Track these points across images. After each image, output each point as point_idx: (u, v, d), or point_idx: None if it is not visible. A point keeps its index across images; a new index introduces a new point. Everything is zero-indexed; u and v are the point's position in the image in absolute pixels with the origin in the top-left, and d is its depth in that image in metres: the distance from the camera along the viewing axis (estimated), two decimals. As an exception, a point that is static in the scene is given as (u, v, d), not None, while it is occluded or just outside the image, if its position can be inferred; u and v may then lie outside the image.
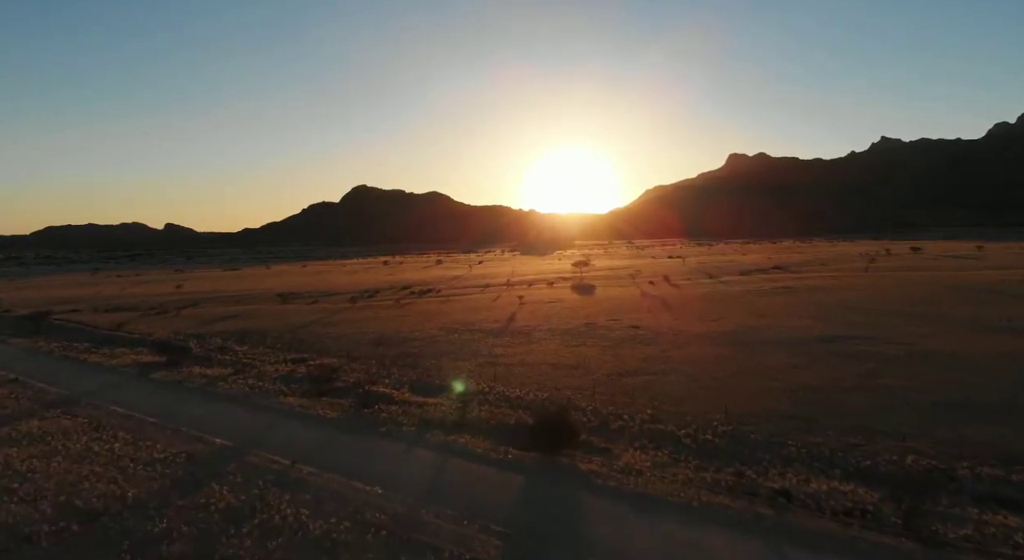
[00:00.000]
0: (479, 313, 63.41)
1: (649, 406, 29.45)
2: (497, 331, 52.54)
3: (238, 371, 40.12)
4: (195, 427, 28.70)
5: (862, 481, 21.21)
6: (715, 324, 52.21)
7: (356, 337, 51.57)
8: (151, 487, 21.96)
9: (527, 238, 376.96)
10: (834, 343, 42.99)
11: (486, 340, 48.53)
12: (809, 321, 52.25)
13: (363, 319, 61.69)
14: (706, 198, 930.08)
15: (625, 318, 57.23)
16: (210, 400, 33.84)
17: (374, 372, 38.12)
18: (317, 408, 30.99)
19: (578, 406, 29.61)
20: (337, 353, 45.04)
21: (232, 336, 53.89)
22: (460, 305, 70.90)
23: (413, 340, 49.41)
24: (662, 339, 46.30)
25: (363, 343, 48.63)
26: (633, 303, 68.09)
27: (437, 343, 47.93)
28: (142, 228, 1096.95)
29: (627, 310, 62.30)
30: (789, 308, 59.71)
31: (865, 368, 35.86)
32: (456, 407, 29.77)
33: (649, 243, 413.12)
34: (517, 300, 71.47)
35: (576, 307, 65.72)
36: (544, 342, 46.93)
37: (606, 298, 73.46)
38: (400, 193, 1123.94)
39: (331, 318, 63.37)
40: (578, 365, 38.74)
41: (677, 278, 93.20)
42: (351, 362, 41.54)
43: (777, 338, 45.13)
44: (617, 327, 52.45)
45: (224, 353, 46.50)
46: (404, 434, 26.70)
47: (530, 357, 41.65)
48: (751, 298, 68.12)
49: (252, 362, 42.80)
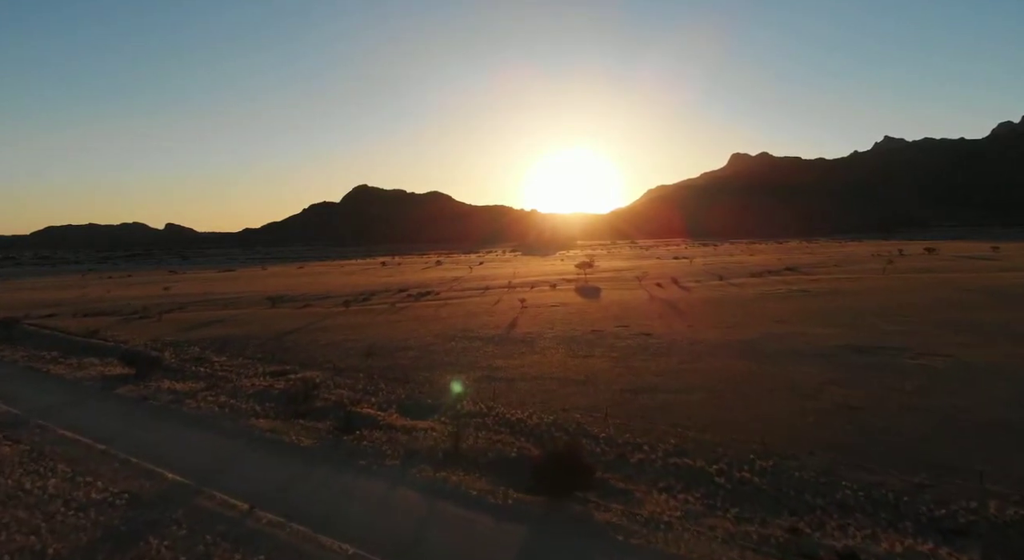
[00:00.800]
0: (478, 318, 59.62)
1: (672, 433, 25.59)
2: (497, 339, 48.71)
3: (211, 386, 36.29)
4: (149, 457, 24.90)
5: (942, 538, 17.29)
6: (732, 332, 48.34)
7: (345, 346, 47.76)
8: (77, 541, 18.14)
9: (529, 238, 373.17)
10: (868, 354, 39.11)
11: (485, 349, 44.70)
12: (835, 329, 48.36)
13: (355, 325, 57.88)
14: (708, 198, 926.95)
15: (635, 324, 53.40)
16: (173, 422, 30.02)
17: (360, 388, 34.28)
18: (291, 433, 27.15)
19: (590, 432, 25.78)
20: (322, 365, 41.24)
21: (212, 344, 50.10)
22: (459, 309, 67.12)
23: (406, 349, 45.57)
24: (677, 349, 42.42)
25: (351, 353, 44.82)
26: (642, 307, 64.26)
27: (432, 353, 44.09)
28: (142, 228, 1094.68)
29: (636, 315, 58.47)
30: (810, 314, 55.80)
31: (910, 384, 31.97)
32: (449, 433, 25.93)
33: (652, 243, 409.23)
34: (519, 304, 67.65)
35: (581, 312, 61.89)
36: (548, 352, 43.08)
37: (613, 302, 69.60)
38: (401, 193, 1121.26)
39: (321, 324, 59.59)
40: (587, 380, 34.88)
41: (686, 280, 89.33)
42: (336, 376, 37.71)
43: (803, 348, 41.25)
44: (627, 335, 48.59)
45: (199, 364, 42.70)
46: (387, 469, 22.83)
47: (533, 370, 37.80)
48: (767, 302, 64.21)
49: (228, 375, 38.98)
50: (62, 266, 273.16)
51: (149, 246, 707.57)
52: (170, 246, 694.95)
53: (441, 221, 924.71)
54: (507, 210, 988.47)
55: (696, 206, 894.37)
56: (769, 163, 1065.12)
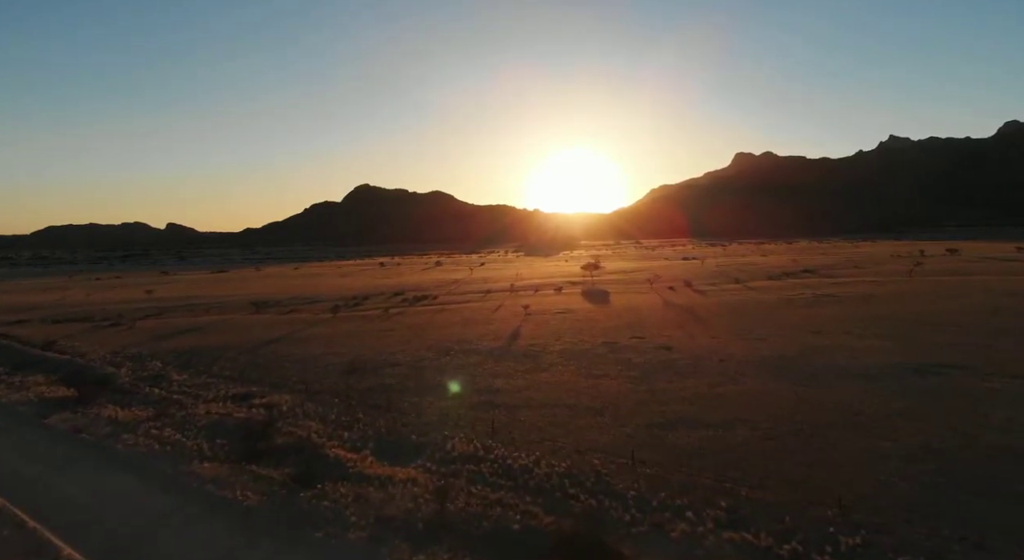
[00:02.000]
0: (477, 327, 54.11)
1: (720, 490, 20.06)
2: (498, 352, 43.17)
3: (159, 414, 30.81)
4: (50, 519, 19.45)
5: None
6: (764, 345, 42.75)
7: (325, 360, 42.25)
8: None
9: (531, 238, 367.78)
10: (929, 375, 33.52)
11: (484, 365, 39.19)
12: (879, 341, 42.76)
13: (340, 335, 52.41)
14: (712, 197, 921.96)
15: (651, 335, 47.85)
16: (100, 464, 24.57)
17: (332, 419, 28.78)
18: (237, 485, 21.65)
19: (614, 488, 20.28)
20: (294, 385, 35.77)
21: (178, 358, 44.67)
22: (456, 316, 61.62)
23: (394, 365, 40.06)
24: (704, 367, 36.85)
25: (331, 370, 39.31)
26: (656, 315, 58.67)
27: (423, 370, 38.57)
28: (143, 228, 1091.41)
29: (651, 324, 52.91)
30: (846, 323, 50.17)
31: (996, 417, 26.39)
32: (434, 489, 20.44)
33: (658, 243, 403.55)
34: (522, 310, 62.10)
35: (590, 320, 56.35)
36: (556, 370, 37.54)
37: (624, 308, 64.02)
38: (403, 193, 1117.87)
39: (303, 333, 54.14)
40: (603, 408, 29.34)
41: (700, 283, 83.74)
42: (308, 400, 32.23)
43: (851, 367, 35.66)
44: (644, 348, 43.04)
45: (156, 384, 37.26)
46: (349, 547, 17.29)
47: (539, 394, 32.28)
48: (794, 309, 58.58)
49: (183, 399, 33.51)
50: (57, 267, 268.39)
51: (149, 246, 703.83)
52: (171, 246, 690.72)
53: (443, 221, 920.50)
54: (509, 210, 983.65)
55: (699, 206, 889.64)
56: (773, 162, 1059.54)
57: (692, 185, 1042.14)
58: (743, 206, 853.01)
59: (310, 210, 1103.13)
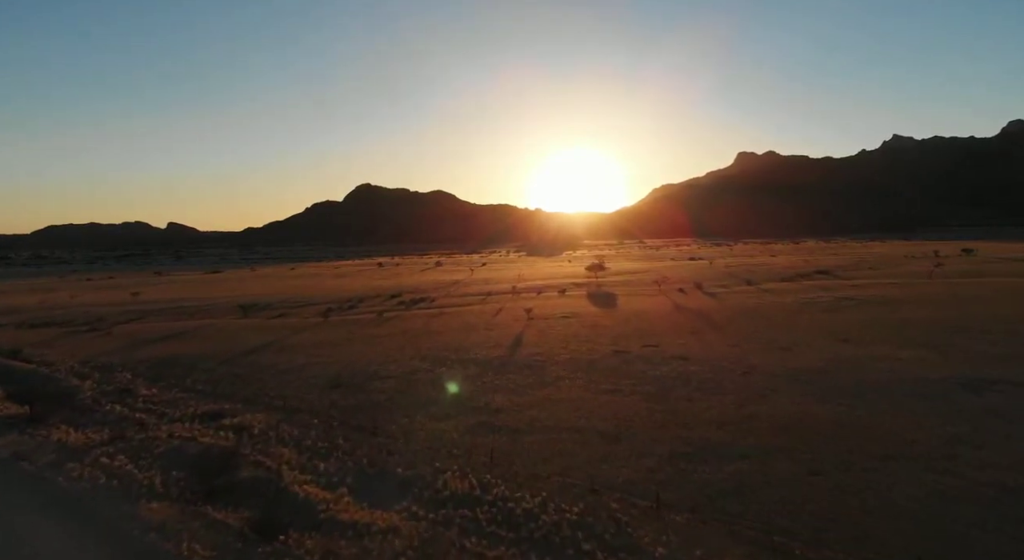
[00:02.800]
0: (477, 334, 50.59)
1: (768, 546, 16.31)
2: (499, 363, 39.62)
3: (116, 437, 27.29)
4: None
5: None
6: (790, 355, 39.15)
7: (309, 372, 38.70)
8: None
9: (534, 238, 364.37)
10: (983, 392, 29.89)
11: (483, 378, 35.65)
12: (916, 350, 39.14)
13: (329, 342, 48.85)
14: (714, 197, 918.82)
15: (665, 343, 44.26)
16: (32, 503, 21.07)
17: (308, 445, 25.23)
18: (186, 534, 18.08)
19: (639, 543, 16.66)
20: (272, 402, 32.22)
21: (150, 369, 41.14)
22: (455, 321, 58.10)
23: (384, 378, 36.52)
24: (728, 382, 33.27)
25: (314, 383, 35.78)
26: (668, 320, 55.08)
27: (415, 384, 35.02)
28: (144, 227, 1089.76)
29: (664, 330, 49.33)
30: (874, 330, 46.53)
31: (1078, 447, 22.84)
32: (421, 541, 16.91)
33: (662, 243, 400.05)
34: (524, 315, 58.54)
35: (598, 325, 52.78)
36: (563, 384, 33.98)
37: (632, 312, 60.43)
38: (405, 192, 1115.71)
39: (290, 340, 50.63)
40: (618, 432, 25.77)
41: (710, 285, 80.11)
42: (285, 421, 28.70)
43: (892, 382, 32.02)
44: (658, 358, 39.46)
45: (120, 400, 33.75)
46: (308, 629, 13.85)
47: (545, 414, 28.73)
48: (815, 314, 54.95)
49: (147, 418, 29.98)
50: (52, 267, 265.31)
51: (150, 246, 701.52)
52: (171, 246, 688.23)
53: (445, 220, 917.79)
54: (511, 209, 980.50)
55: (702, 205, 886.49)
56: (776, 162, 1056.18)
57: (694, 185, 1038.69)
58: (746, 206, 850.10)
59: (311, 209, 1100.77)
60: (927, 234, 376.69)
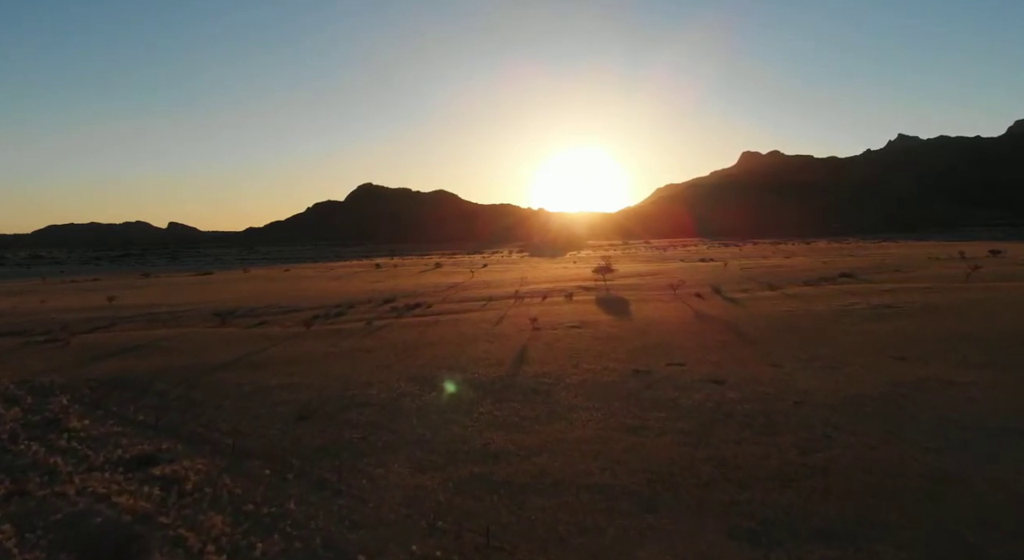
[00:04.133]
0: (475, 346, 44.78)
1: None
2: (499, 386, 33.79)
3: (13, 492, 21.37)
4: None
5: None
6: (842, 377, 33.23)
7: (277, 397, 32.83)
8: None
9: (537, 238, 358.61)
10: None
11: (480, 407, 29.87)
12: (983, 371, 33.16)
13: (307, 357, 43.02)
14: (719, 197, 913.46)
15: (692, 360, 38.39)
16: None
17: (251, 510, 19.31)
18: None
19: None
20: (222, 439, 26.43)
21: (95, 390, 35.37)
22: (451, 331, 52.35)
23: (362, 406, 30.73)
24: (778, 414, 27.39)
25: (279, 413, 29.98)
26: (690, 330, 49.16)
27: (399, 415, 29.21)
28: (145, 227, 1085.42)
29: (688, 344, 43.45)
30: (926, 345, 40.49)
31: None
32: None
33: (667, 243, 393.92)
34: (528, 324, 52.73)
35: (612, 337, 46.94)
36: (577, 417, 28.09)
37: (648, 321, 54.53)
38: (406, 191, 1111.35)
39: (264, 353, 44.87)
40: (655, 494, 19.88)
41: (729, 288, 74.23)
42: (230, 469, 22.90)
43: (976, 416, 25.99)
44: (687, 380, 33.61)
45: (43, 435, 27.91)
46: None
47: (556, 462, 22.86)
48: (856, 325, 48.96)
49: (62, 465, 24.22)
50: (46, 267, 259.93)
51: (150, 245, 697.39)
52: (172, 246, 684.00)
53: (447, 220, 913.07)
54: (514, 209, 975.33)
55: (706, 205, 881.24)
56: (780, 161, 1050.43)
57: (698, 184, 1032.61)
58: (750, 205, 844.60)
59: (312, 209, 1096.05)
60: (940, 234, 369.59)
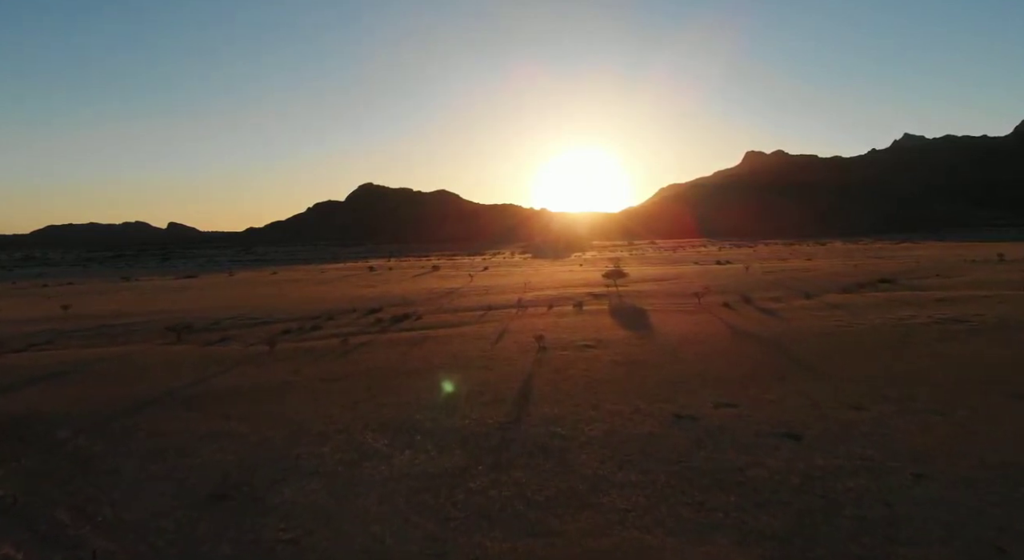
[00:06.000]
0: (468, 376, 36.22)
1: None
2: (495, 442, 24.92)
3: None
4: None
5: None
6: (955, 428, 24.48)
7: (195, 456, 24.08)
8: None
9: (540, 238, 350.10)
10: None
11: (468, 482, 20.91)
12: None
13: (256, 390, 34.35)
14: (722, 196, 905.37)
15: (745, 398, 29.69)
16: None
17: None
18: None
19: None
20: (92, 537, 17.94)
21: (-35, 442, 27.07)
22: (442, 350, 43.82)
23: (305, 477, 22.13)
24: (898, 496, 18.54)
25: (187, 488, 21.34)
26: (730, 352, 40.42)
27: (352, 497, 20.45)
28: (145, 227, 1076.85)
29: (733, 372, 34.74)
30: (1041, 374, 32.05)
31: None
32: None
33: (674, 244, 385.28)
34: (534, 343, 44.21)
35: (635, 361, 38.37)
36: (607, 503, 18.94)
37: (676, 338, 45.82)
38: (407, 191, 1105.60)
39: (207, 384, 36.36)
40: None
41: (759, 297, 65.73)
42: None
43: None
44: (749, 433, 24.95)
45: None
46: None
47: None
48: (931, 346, 40.10)
49: None
50: (35, 268, 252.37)
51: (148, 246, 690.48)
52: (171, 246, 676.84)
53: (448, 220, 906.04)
54: (516, 209, 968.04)
55: (710, 205, 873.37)
56: (784, 161, 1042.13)
57: (702, 184, 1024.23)
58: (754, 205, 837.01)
59: (313, 209, 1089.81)
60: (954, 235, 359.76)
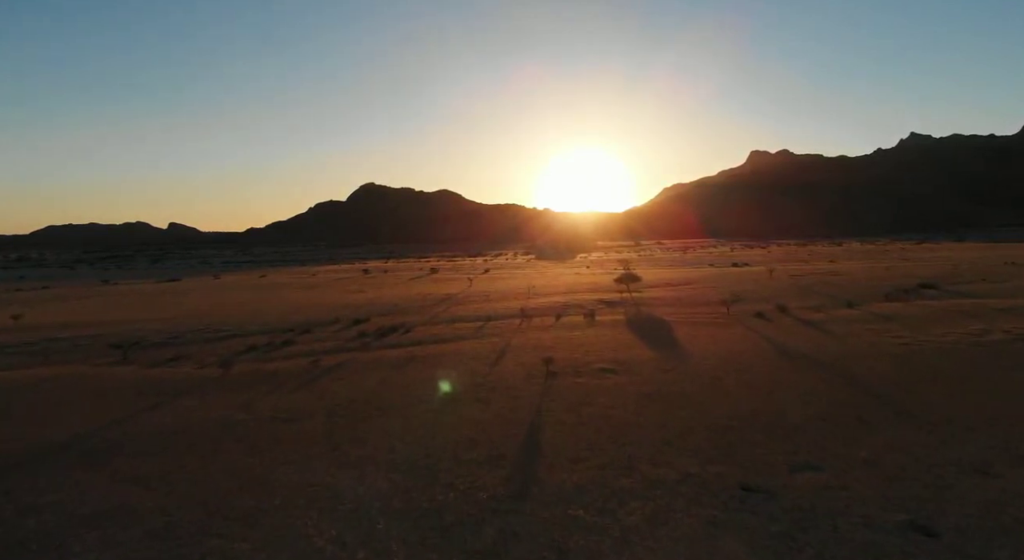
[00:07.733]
0: (458, 413, 28.65)
1: None
2: (488, 540, 17.75)
3: None
4: None
5: None
6: None
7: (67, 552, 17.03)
8: None
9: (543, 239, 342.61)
10: None
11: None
12: None
13: (188, 435, 26.72)
14: (727, 196, 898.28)
15: (830, 456, 21.83)
16: None
17: None
18: None
19: None
20: None
21: None
22: (427, 376, 36.25)
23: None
24: None
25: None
26: (787, 381, 32.71)
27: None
28: (145, 227, 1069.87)
29: (800, 412, 27.05)
30: None
31: None
32: None
33: (682, 244, 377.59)
34: (541, 366, 36.72)
35: (669, 393, 30.78)
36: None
37: (714, 360, 38.01)
38: (409, 191, 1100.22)
39: (128, 426, 28.79)
40: None
41: (795, 305, 58.25)
42: None
43: None
44: (853, 521, 17.35)
45: None
46: None
47: None
48: (1017, 369, 32.73)
49: None
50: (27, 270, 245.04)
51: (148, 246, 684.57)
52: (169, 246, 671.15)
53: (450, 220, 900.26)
54: (519, 209, 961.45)
55: (714, 205, 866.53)
56: (789, 161, 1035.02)
57: (706, 184, 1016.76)
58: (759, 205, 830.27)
59: (314, 209, 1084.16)
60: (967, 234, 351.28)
